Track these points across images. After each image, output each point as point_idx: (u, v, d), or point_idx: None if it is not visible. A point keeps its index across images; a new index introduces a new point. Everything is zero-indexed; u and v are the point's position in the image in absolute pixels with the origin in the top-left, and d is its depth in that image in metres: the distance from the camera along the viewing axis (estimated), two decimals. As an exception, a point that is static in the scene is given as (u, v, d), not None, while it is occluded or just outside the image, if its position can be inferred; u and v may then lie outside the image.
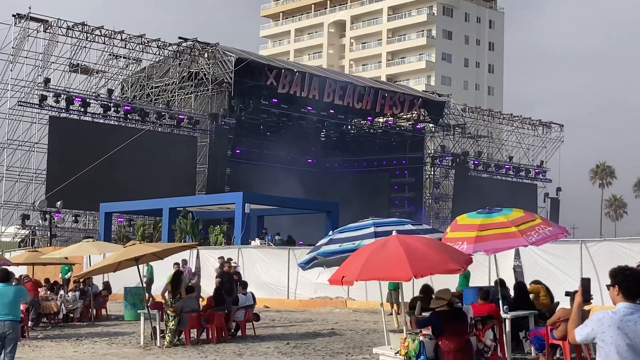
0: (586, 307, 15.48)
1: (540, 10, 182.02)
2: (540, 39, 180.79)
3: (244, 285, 21.69)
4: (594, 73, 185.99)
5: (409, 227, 16.10)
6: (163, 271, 27.21)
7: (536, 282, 18.14)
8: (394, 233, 13.07)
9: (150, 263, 27.33)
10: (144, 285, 25.61)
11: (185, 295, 20.05)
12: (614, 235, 74.58)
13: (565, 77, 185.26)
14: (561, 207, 79.70)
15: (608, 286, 6.38)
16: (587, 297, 7.06)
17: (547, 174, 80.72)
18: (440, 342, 13.00)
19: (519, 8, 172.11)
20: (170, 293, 20.20)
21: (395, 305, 22.26)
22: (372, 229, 15.62)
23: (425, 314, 15.22)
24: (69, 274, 29.76)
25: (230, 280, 22.06)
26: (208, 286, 26.51)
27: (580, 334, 6.35)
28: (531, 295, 17.04)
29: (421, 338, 13.03)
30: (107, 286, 28.65)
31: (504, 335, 15.08)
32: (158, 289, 26.69)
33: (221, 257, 25.07)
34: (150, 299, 22.35)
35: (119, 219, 55.09)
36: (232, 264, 22.85)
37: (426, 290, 16.84)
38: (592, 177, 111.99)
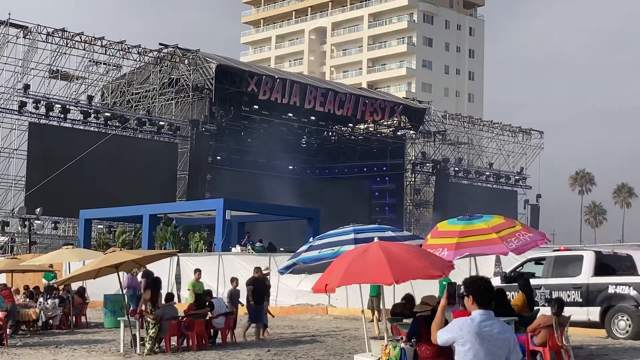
0: (566, 314, 15.56)
1: (520, 18, 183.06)
2: (520, 46, 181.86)
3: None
4: (574, 80, 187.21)
5: (390, 233, 16.12)
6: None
7: (522, 281, 18.09)
8: (375, 239, 13.07)
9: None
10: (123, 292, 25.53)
11: (164, 303, 19.98)
12: (593, 242, 74.86)
13: (545, 84, 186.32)
14: (541, 214, 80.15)
15: (463, 295, 6.86)
16: (451, 301, 7.34)
17: (527, 180, 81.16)
18: (418, 349, 12.99)
19: (499, 16, 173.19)
20: (149, 301, 20.07)
21: (376, 312, 22.25)
22: (352, 236, 15.62)
23: (407, 321, 15.21)
24: (53, 280, 29.49)
25: (261, 287, 21.99)
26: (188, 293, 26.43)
27: (441, 337, 6.83)
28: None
29: (402, 345, 13.02)
30: (80, 292, 27.85)
31: (485, 341, 15.08)
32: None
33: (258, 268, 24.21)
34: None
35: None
36: (264, 271, 22.72)
37: (408, 298, 16.85)
38: (572, 183, 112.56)
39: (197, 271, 25.01)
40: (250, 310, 21.53)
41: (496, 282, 19.42)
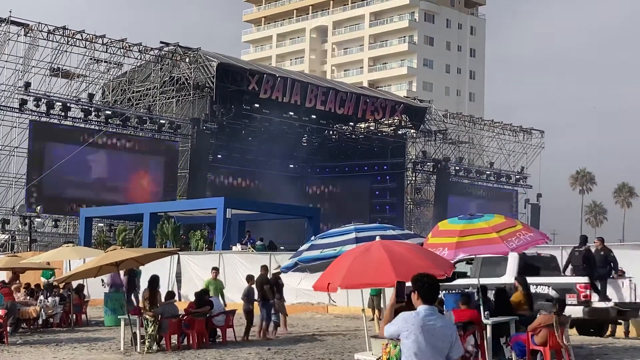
0: (566, 314, 15.55)
1: (521, 17, 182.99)
2: (521, 46, 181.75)
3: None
4: (575, 80, 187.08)
5: (391, 232, 16.11)
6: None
7: (521, 280, 18.12)
8: (377, 239, 13.06)
9: (140, 268, 27.02)
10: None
11: (164, 301, 19.99)
12: (594, 242, 74.79)
13: (546, 83, 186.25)
14: (542, 213, 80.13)
15: (410, 292, 7.28)
16: (399, 299, 7.69)
17: (527, 180, 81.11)
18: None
19: (500, 15, 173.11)
20: (147, 299, 20.08)
21: (376, 311, 22.25)
22: (353, 235, 15.61)
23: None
24: (52, 278, 29.50)
25: (274, 284, 22.03)
26: (189, 291, 26.47)
27: (387, 330, 7.24)
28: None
29: (402, 344, 12.99)
30: (78, 290, 27.80)
31: (485, 341, 15.11)
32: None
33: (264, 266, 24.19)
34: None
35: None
36: (274, 271, 22.81)
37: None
38: (573, 183, 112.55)
39: (215, 270, 24.81)
40: (262, 308, 21.55)
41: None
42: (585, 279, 19.32)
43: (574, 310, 17.97)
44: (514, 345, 15.59)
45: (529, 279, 18.34)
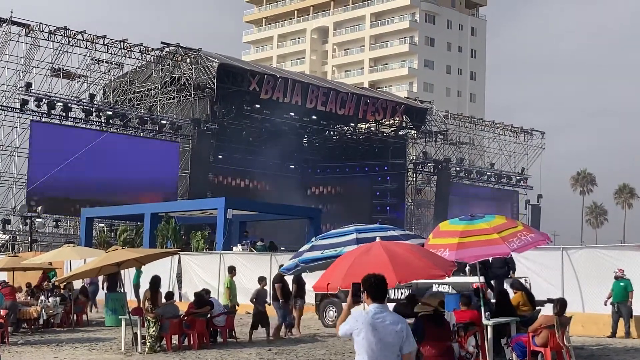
0: (567, 315, 15.57)
1: (521, 18, 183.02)
2: (522, 46, 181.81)
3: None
4: (575, 81, 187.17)
5: (392, 233, 16.12)
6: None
7: (517, 285, 18.16)
8: (377, 239, 13.07)
9: (141, 268, 27.10)
10: (131, 289, 25.60)
11: (165, 302, 20.00)
12: (594, 242, 74.93)
13: (547, 84, 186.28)
14: (542, 214, 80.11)
15: (363, 291, 7.66)
16: (356, 300, 7.91)
17: (528, 180, 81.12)
18: (421, 348, 13.00)
19: (500, 15, 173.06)
20: (149, 300, 20.09)
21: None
22: (354, 236, 15.62)
23: (409, 321, 15.20)
24: (54, 278, 29.57)
25: (287, 286, 22.05)
26: (189, 291, 26.49)
27: (341, 329, 7.65)
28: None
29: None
30: (83, 291, 28.19)
31: (486, 341, 15.11)
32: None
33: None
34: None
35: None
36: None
37: (411, 298, 16.85)
38: (573, 184, 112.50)
39: (233, 269, 24.43)
40: (279, 309, 21.54)
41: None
42: (481, 279, 19.66)
43: None
44: (514, 346, 15.60)
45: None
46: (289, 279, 21.69)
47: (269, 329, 21.22)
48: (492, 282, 20.06)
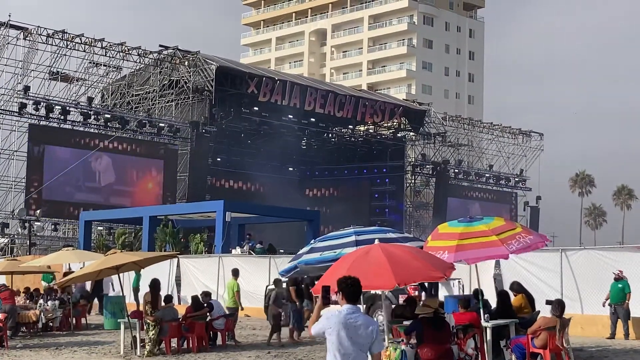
0: (566, 316, 15.57)
1: (520, 20, 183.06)
2: (520, 48, 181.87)
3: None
4: (573, 82, 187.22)
5: (390, 235, 16.13)
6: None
7: (516, 287, 18.14)
8: (376, 241, 13.07)
9: (140, 271, 27.08)
10: (131, 292, 25.57)
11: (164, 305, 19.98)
12: (593, 244, 74.96)
13: (545, 85, 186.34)
14: (541, 216, 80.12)
15: (337, 292, 7.99)
16: (325, 302, 8.19)
17: (527, 182, 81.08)
18: (419, 351, 13.00)
19: (499, 18, 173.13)
20: (149, 303, 20.08)
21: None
22: (353, 238, 15.63)
23: (407, 323, 15.22)
24: (53, 282, 29.58)
25: (301, 289, 22.05)
26: (188, 295, 26.47)
27: (314, 328, 7.89)
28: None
29: (403, 347, 13.02)
30: (84, 295, 28.32)
31: (485, 344, 15.11)
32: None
33: None
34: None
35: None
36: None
37: (410, 300, 16.86)
38: (572, 185, 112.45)
39: (237, 272, 23.80)
40: (294, 311, 21.50)
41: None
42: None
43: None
44: (514, 348, 15.59)
45: None
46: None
47: (275, 332, 21.22)
48: (426, 283, 20.26)
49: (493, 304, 17.17)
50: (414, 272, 12.30)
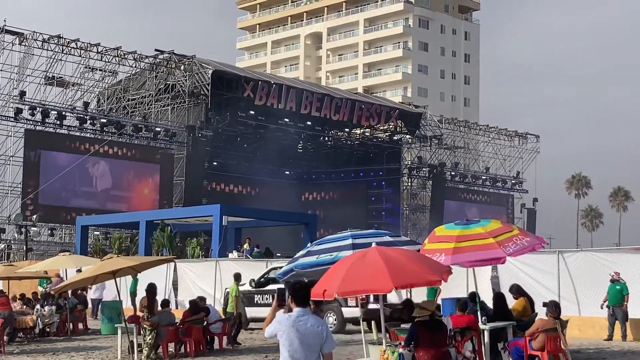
0: (563, 318, 15.56)
1: (515, 22, 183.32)
2: (515, 51, 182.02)
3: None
4: (569, 84, 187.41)
5: (387, 238, 16.12)
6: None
7: (516, 290, 18.09)
8: (373, 245, 13.06)
9: (137, 276, 27.04)
10: (128, 297, 25.51)
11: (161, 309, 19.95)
12: (590, 246, 75.06)
13: (541, 88, 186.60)
14: (538, 218, 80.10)
15: (289, 296, 8.33)
16: (281, 303, 8.79)
17: (523, 184, 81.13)
18: (415, 354, 12.98)
19: (494, 20, 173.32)
20: (146, 308, 20.03)
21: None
22: (350, 241, 15.62)
23: (405, 326, 15.21)
24: (48, 287, 29.53)
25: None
26: (186, 299, 26.45)
27: (267, 331, 8.25)
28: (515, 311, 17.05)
29: (400, 350, 13.00)
30: (82, 300, 28.31)
31: (483, 346, 15.09)
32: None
33: None
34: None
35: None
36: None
37: (407, 303, 16.84)
38: (568, 187, 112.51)
39: (239, 277, 23.28)
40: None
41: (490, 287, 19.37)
42: None
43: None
44: (511, 351, 15.58)
45: None
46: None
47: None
48: None
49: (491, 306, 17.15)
50: (411, 275, 12.28)
